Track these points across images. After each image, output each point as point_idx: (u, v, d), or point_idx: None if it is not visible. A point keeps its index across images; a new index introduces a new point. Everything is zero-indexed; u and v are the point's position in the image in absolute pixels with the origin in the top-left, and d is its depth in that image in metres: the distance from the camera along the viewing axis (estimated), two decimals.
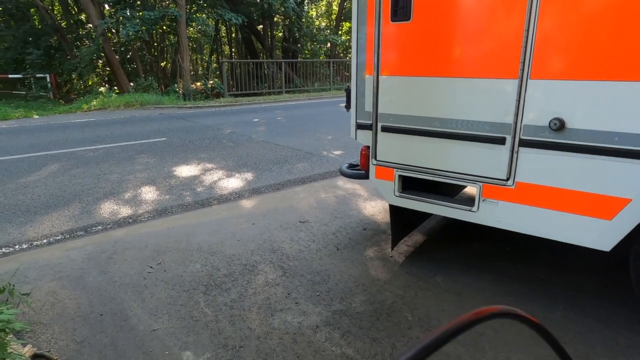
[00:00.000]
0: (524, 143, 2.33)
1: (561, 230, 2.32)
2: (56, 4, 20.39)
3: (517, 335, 2.27)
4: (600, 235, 2.19)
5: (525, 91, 2.26)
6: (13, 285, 2.12)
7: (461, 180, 2.62)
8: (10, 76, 17.21)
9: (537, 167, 2.32)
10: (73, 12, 19.92)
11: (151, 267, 3.07)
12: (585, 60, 2.05)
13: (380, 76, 2.77)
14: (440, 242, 3.49)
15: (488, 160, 2.48)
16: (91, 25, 16.82)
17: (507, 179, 2.43)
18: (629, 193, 2.07)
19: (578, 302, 2.58)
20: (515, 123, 2.32)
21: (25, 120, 11.03)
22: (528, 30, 2.17)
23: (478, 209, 2.59)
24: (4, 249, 3.41)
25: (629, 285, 2.34)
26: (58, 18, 19.58)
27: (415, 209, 2.89)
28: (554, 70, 2.16)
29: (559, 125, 2.17)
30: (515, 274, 2.91)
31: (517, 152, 2.36)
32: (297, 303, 2.62)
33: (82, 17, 19.19)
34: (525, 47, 2.20)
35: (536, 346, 2.18)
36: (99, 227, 3.84)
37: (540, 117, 2.24)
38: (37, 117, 11.62)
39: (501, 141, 2.40)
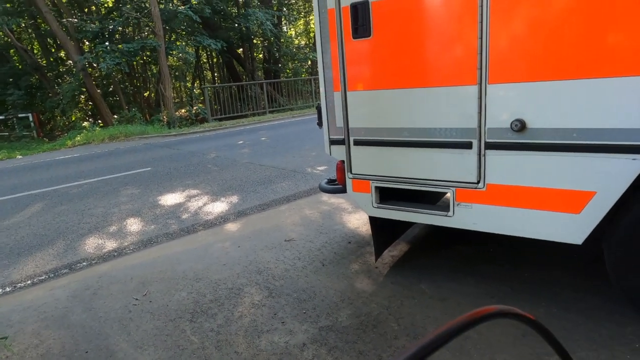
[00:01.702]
0: (490, 146, 2.39)
1: (534, 228, 2.37)
2: (35, 43, 20.50)
3: (501, 336, 2.29)
4: (571, 229, 2.24)
5: (485, 96, 2.33)
6: None
7: (434, 187, 2.67)
8: None
9: (504, 168, 2.38)
10: (52, 50, 20.04)
11: (136, 299, 3.05)
12: (538, 62, 2.13)
13: (347, 92, 2.83)
14: (425, 249, 3.52)
15: (458, 165, 2.53)
16: (71, 62, 16.92)
17: (478, 182, 2.48)
18: (593, 186, 2.13)
19: (561, 297, 2.62)
20: (480, 127, 2.39)
21: (8, 161, 10.97)
22: (481, 39, 2.25)
23: (454, 213, 2.63)
24: None
25: (608, 278, 2.38)
26: (38, 57, 19.67)
27: (395, 218, 2.93)
28: (509, 74, 2.23)
29: (520, 126, 2.23)
30: (498, 275, 2.94)
31: (484, 155, 2.42)
32: (283, 322, 2.62)
33: (62, 54, 19.30)
34: (481, 54, 2.28)
35: (521, 345, 2.20)
36: (84, 263, 3.81)
37: (502, 120, 2.31)
38: (20, 157, 11.57)
39: (468, 146, 2.45)
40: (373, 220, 3.06)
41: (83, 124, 16.12)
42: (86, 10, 17.68)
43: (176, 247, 4.01)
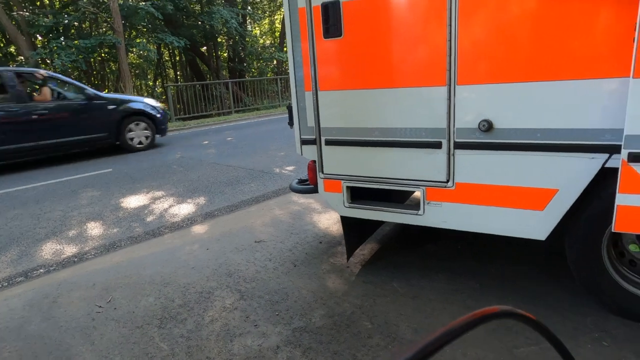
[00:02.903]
0: (459, 145, 2.45)
1: (501, 225, 2.45)
2: None
3: (473, 331, 2.35)
4: (535, 225, 2.33)
5: (454, 96, 2.38)
6: None
7: (405, 186, 2.71)
8: None
9: (472, 167, 2.44)
10: (1, 45, 18.89)
11: (100, 306, 2.92)
12: (505, 64, 2.20)
13: (319, 91, 2.83)
14: (396, 247, 3.57)
15: (428, 165, 2.58)
16: (22, 58, 16.01)
17: (447, 181, 2.53)
18: (555, 184, 2.22)
19: (527, 291, 2.72)
20: (449, 127, 2.44)
21: None
22: (450, 41, 2.30)
23: (424, 212, 2.68)
24: None
25: (571, 272, 2.49)
26: None
27: (366, 217, 2.95)
28: (477, 75, 2.29)
29: (487, 127, 2.30)
30: (467, 271, 3.02)
31: (454, 155, 2.47)
32: (256, 325, 2.58)
33: (12, 49, 18.23)
34: (450, 55, 2.33)
35: (492, 339, 2.27)
36: (41, 270, 3.60)
37: (470, 120, 2.37)
38: None
39: (438, 145, 2.50)
40: (344, 220, 3.07)
41: None
42: (38, 3, 16.78)
43: (141, 251, 3.86)
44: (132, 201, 5.50)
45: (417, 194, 2.73)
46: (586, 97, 2.05)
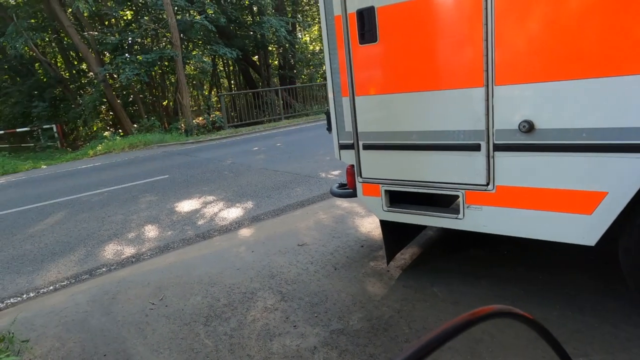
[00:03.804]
0: (498, 147, 2.38)
1: (546, 229, 2.34)
2: (58, 56, 21.20)
3: (515, 339, 2.27)
4: (583, 230, 2.21)
5: (492, 97, 2.32)
6: (12, 333, 2.19)
7: (444, 190, 2.67)
8: (18, 130, 17.79)
9: (513, 169, 2.36)
10: (75, 63, 20.68)
11: (153, 303, 3.13)
12: (544, 63, 2.12)
13: (356, 97, 2.86)
14: (437, 252, 3.51)
15: (467, 168, 2.53)
16: (92, 73, 17.42)
17: (487, 184, 2.47)
18: (604, 186, 2.10)
19: (576, 300, 2.57)
20: (488, 129, 2.38)
21: (33, 171, 11.35)
22: (487, 41, 2.26)
23: (464, 216, 2.62)
24: (12, 299, 3.50)
25: (624, 280, 2.33)
26: (61, 69, 20.32)
27: (405, 221, 2.93)
28: (516, 75, 2.23)
29: (528, 127, 2.22)
30: (511, 278, 2.91)
31: (493, 157, 2.41)
32: (295, 326, 2.65)
33: (83, 66, 19.89)
34: (487, 56, 2.28)
35: (533, 348, 2.18)
36: (103, 269, 3.92)
37: (510, 121, 2.30)
38: (45, 167, 11.95)
39: (476, 148, 2.45)
40: (383, 224, 3.07)
41: (104, 134, 16.55)
42: (106, 23, 18.21)
43: (192, 252, 4.09)
44: (186, 205, 5.81)
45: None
46: (638, 94, 1.92)
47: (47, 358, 2.58)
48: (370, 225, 4.20)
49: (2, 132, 18.24)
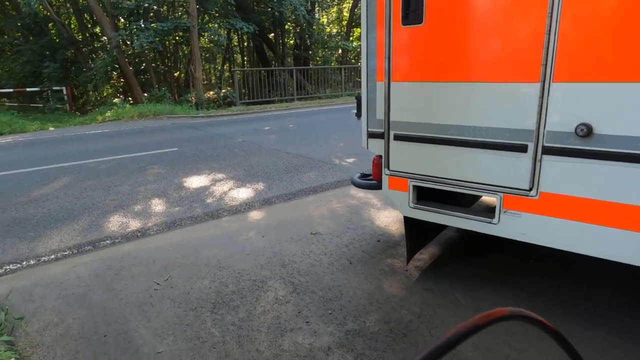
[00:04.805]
0: (548, 150, 2.17)
1: (592, 245, 2.15)
2: (72, 18, 20.83)
3: (543, 356, 2.10)
4: (636, 250, 2.02)
5: (548, 95, 2.10)
6: (7, 309, 2.04)
7: (480, 191, 2.47)
8: (28, 89, 17.59)
9: (562, 176, 2.16)
10: (89, 26, 20.33)
11: (158, 283, 2.98)
12: (616, 60, 1.90)
13: (391, 82, 2.64)
14: (459, 254, 3.33)
15: (509, 169, 2.32)
16: (106, 38, 17.11)
17: (530, 189, 2.27)
18: None
19: (614, 321, 2.39)
20: (538, 129, 2.17)
21: (41, 132, 11.19)
22: (550, 30, 2.03)
23: (499, 221, 2.43)
24: (11, 266, 3.36)
25: None
26: (74, 31, 19.99)
27: (432, 221, 2.74)
28: (579, 72, 2.00)
29: (586, 131, 2.01)
30: (539, 289, 2.73)
31: (540, 160, 2.20)
32: (308, 322, 2.49)
33: (97, 30, 19.56)
34: (547, 48, 2.05)
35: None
36: (107, 242, 3.77)
37: (565, 123, 2.09)
38: (52, 129, 11.79)
39: (522, 149, 2.24)
40: (408, 221, 2.88)
41: (114, 100, 16.34)
42: None
43: (200, 231, 3.93)
44: (194, 181, 5.64)
45: (486, 198, 2.49)
46: None
47: (43, 334, 2.44)
48: (386, 219, 4.02)
49: (11, 90, 18.06)
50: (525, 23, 2.11)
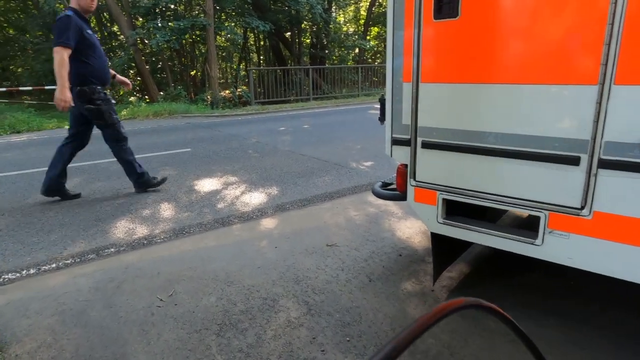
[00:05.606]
0: (605, 164, 1.87)
1: None
2: (92, 17, 20.98)
3: None
4: None
5: (608, 100, 1.80)
6: None
7: (521, 207, 2.17)
8: (47, 87, 17.70)
9: (622, 194, 1.85)
10: (107, 25, 20.46)
11: (161, 299, 2.75)
12: None
13: (420, 83, 2.36)
14: (490, 272, 3.03)
15: (556, 184, 2.02)
16: (123, 37, 17.16)
17: (582, 208, 1.96)
18: None
19: None
20: (594, 139, 1.87)
21: (57, 130, 11.18)
22: (612, 22, 1.72)
23: (543, 242, 2.13)
24: (10, 275, 3.18)
25: None
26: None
27: (462, 238, 2.46)
28: None
29: None
30: (585, 317, 2.42)
31: (596, 175, 1.90)
32: (323, 350, 2.23)
33: (115, 28, 19.66)
34: (609, 44, 1.75)
35: None
36: (112, 250, 3.57)
37: (628, 133, 1.78)
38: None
39: (574, 161, 1.94)
40: (435, 238, 2.60)
41: (130, 99, 16.34)
42: None
43: (209, 240, 3.70)
44: (206, 184, 5.44)
45: (514, 212, 2.19)
46: None
47: (34, 357, 2.23)
48: (408, 230, 3.73)
49: (31, 88, 18.24)
50: (581, 14, 1.81)
